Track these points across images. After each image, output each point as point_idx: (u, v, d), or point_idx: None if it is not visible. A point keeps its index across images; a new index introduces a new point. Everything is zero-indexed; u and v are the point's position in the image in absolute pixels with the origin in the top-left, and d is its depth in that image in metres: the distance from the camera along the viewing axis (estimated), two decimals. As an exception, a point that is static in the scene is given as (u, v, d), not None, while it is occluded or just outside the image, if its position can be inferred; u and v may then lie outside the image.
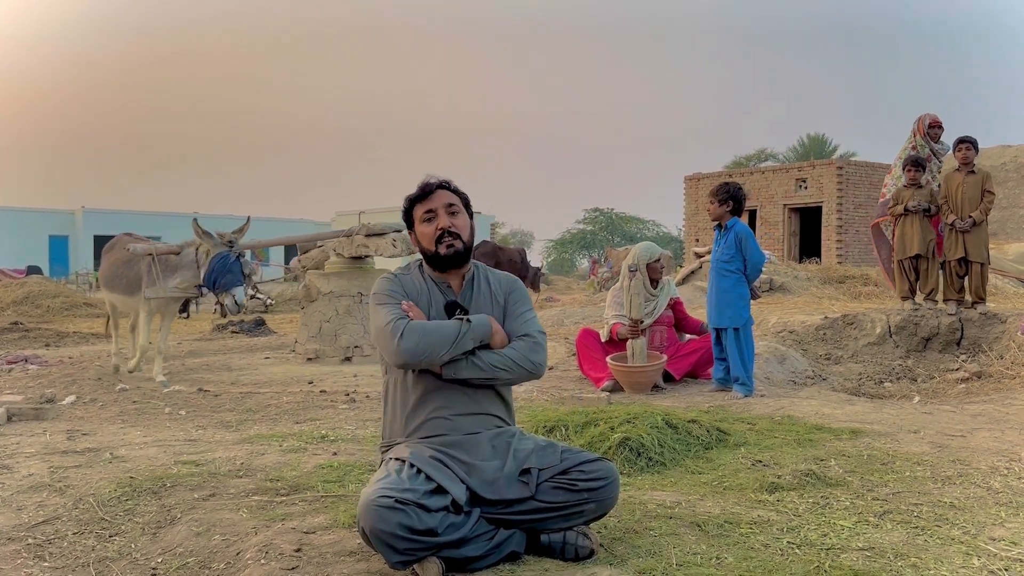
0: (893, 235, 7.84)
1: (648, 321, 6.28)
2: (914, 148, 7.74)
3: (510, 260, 16.48)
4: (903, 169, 7.74)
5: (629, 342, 6.04)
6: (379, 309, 2.62)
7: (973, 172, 7.34)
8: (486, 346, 2.61)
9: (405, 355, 2.50)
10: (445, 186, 2.72)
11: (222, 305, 6.66)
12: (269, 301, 18.31)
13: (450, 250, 2.65)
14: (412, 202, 2.73)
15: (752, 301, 5.99)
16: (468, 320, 2.58)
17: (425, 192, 2.70)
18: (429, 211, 2.68)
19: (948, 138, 7.76)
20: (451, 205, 2.69)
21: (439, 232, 2.65)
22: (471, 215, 2.77)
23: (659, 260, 6.48)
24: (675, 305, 6.56)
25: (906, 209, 7.50)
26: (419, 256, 2.80)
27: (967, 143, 7.34)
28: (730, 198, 5.86)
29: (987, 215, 7.29)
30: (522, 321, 2.70)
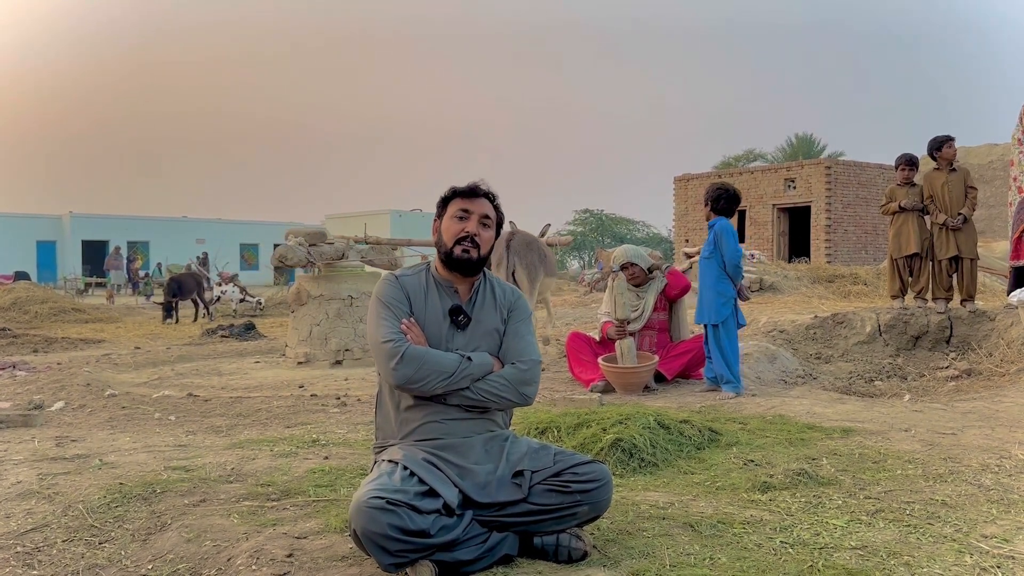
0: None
1: (636, 325, 6.28)
2: (1023, 137, 7.65)
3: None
4: (896, 168, 7.76)
5: (617, 343, 6.04)
6: (379, 322, 2.60)
7: (954, 170, 7.39)
8: None
9: (400, 380, 2.53)
10: (491, 198, 2.73)
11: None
12: (260, 302, 18.32)
13: (465, 254, 2.64)
14: (455, 194, 2.72)
15: (742, 302, 6.01)
16: (469, 359, 2.58)
17: (472, 192, 2.71)
18: (465, 210, 2.68)
19: (930, 139, 7.69)
20: (486, 217, 2.69)
21: (463, 234, 2.65)
22: (496, 235, 2.77)
23: (637, 265, 6.42)
24: (668, 282, 6.47)
25: (900, 207, 7.53)
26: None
27: (951, 140, 7.39)
28: (714, 199, 5.96)
29: (973, 210, 7.34)
30: (522, 343, 2.70)
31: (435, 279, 2.72)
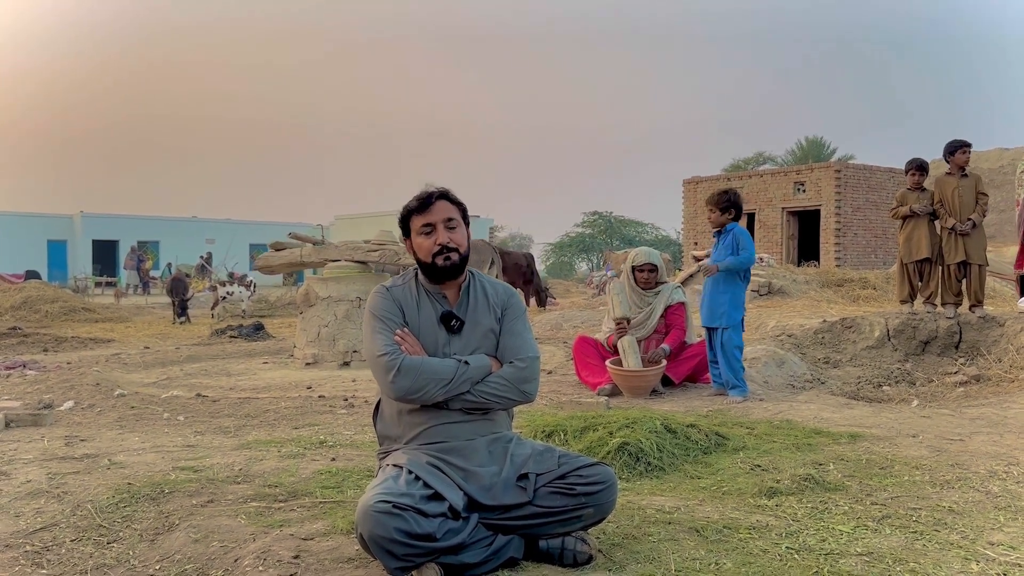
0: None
1: (642, 332, 6.27)
2: None
3: (516, 264, 16.04)
4: (906, 172, 7.74)
5: (619, 341, 6.05)
6: (374, 335, 2.60)
7: (966, 175, 7.37)
8: None
9: (398, 392, 2.54)
10: (444, 196, 2.70)
11: None
12: (254, 287, 18.60)
13: (448, 263, 2.64)
14: (410, 212, 2.70)
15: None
16: (466, 363, 2.58)
17: (424, 204, 2.67)
18: (428, 224, 2.66)
19: (941, 144, 7.70)
20: (450, 219, 2.67)
21: (437, 247, 2.64)
22: (467, 224, 2.75)
23: (654, 268, 6.40)
24: (672, 310, 6.50)
25: (912, 212, 7.51)
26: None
27: (966, 146, 7.37)
28: (731, 206, 5.94)
29: (984, 216, 7.32)
30: (519, 341, 2.70)
31: (423, 287, 2.72)
